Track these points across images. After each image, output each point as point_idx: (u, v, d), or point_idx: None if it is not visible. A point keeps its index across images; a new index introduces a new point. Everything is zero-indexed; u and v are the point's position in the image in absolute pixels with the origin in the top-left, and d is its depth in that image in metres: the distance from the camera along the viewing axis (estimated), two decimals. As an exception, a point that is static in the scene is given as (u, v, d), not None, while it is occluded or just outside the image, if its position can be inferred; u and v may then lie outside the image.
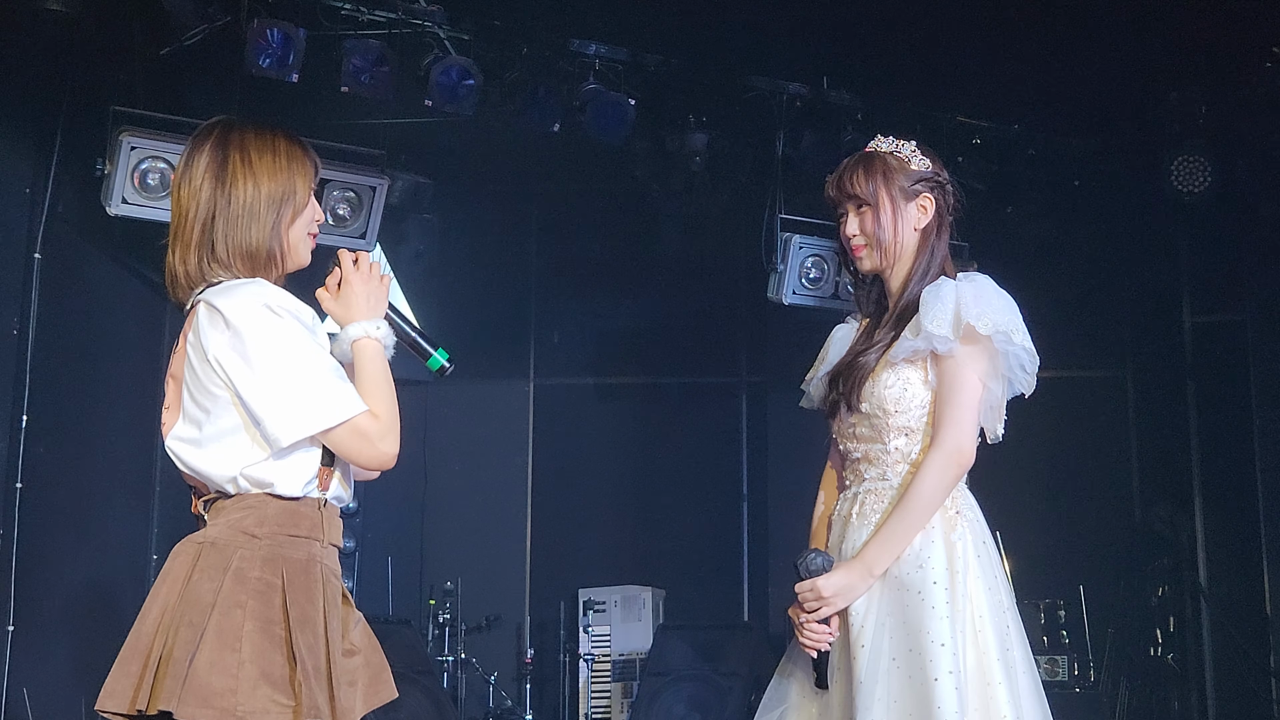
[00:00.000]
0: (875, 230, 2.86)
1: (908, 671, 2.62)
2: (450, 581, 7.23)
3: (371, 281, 2.50)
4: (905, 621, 2.66)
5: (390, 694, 2.49)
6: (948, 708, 2.55)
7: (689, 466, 7.94)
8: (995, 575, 2.75)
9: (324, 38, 5.45)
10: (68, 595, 5.49)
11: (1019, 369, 2.80)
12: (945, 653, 2.59)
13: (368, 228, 5.85)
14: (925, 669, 2.59)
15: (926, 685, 2.57)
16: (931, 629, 2.62)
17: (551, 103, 5.89)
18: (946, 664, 2.58)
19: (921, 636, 2.62)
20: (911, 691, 2.60)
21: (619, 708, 7.20)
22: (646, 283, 7.90)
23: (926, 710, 2.56)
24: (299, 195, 2.46)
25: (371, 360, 2.44)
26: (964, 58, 5.95)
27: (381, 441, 2.37)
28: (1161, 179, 6.35)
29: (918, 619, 2.64)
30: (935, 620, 2.63)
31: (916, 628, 2.64)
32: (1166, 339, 7.06)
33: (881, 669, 2.65)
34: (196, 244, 2.40)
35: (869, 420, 2.82)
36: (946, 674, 2.57)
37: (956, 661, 2.59)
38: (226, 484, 2.35)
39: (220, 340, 2.32)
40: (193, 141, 2.46)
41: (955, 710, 2.55)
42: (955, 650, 2.60)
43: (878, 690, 2.62)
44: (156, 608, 2.31)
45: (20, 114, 5.26)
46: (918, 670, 2.60)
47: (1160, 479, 7.08)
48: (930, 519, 2.72)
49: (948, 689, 2.56)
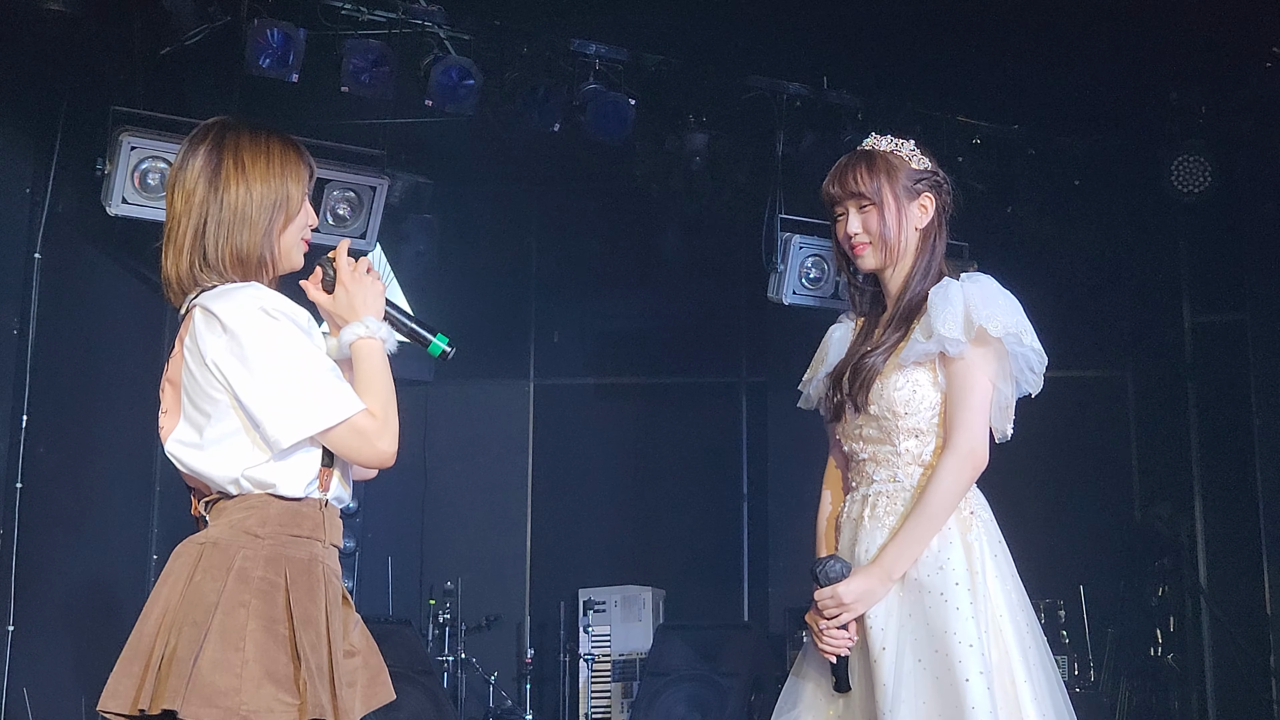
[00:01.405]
0: (880, 229, 2.85)
1: (934, 673, 2.62)
2: (450, 581, 7.23)
3: (364, 280, 2.49)
4: (929, 623, 2.66)
5: (388, 696, 2.49)
6: (982, 708, 2.55)
7: (689, 466, 7.94)
8: (1011, 574, 2.77)
9: (324, 38, 5.45)
10: (68, 595, 5.48)
11: (1028, 370, 2.82)
12: (974, 653, 2.60)
13: (368, 228, 5.85)
14: (954, 670, 2.59)
15: (957, 686, 2.58)
16: (958, 630, 2.63)
17: (551, 103, 5.89)
18: (976, 664, 2.59)
19: (947, 638, 2.63)
20: (939, 693, 2.60)
21: (619, 708, 7.20)
22: (646, 283, 7.90)
23: (959, 711, 2.57)
24: (292, 200, 2.45)
25: (369, 359, 2.43)
26: (964, 58, 5.95)
27: (380, 440, 2.37)
28: (1161, 179, 6.35)
29: (942, 620, 2.65)
30: (961, 621, 2.63)
31: (941, 629, 2.64)
32: (1166, 339, 7.06)
33: (906, 670, 2.65)
34: (189, 248, 2.40)
35: (877, 422, 2.82)
36: (977, 674, 2.58)
37: (985, 661, 2.60)
38: (228, 485, 2.35)
39: (217, 344, 2.32)
40: (188, 143, 2.45)
41: (989, 710, 2.56)
42: (983, 650, 2.61)
43: (903, 692, 2.63)
44: (158, 608, 2.31)
45: (20, 114, 5.25)
46: (945, 671, 2.61)
47: (1160, 479, 7.07)
48: (947, 521, 2.73)
49: (980, 689, 2.57)
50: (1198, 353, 6.95)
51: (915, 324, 2.81)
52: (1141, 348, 7.34)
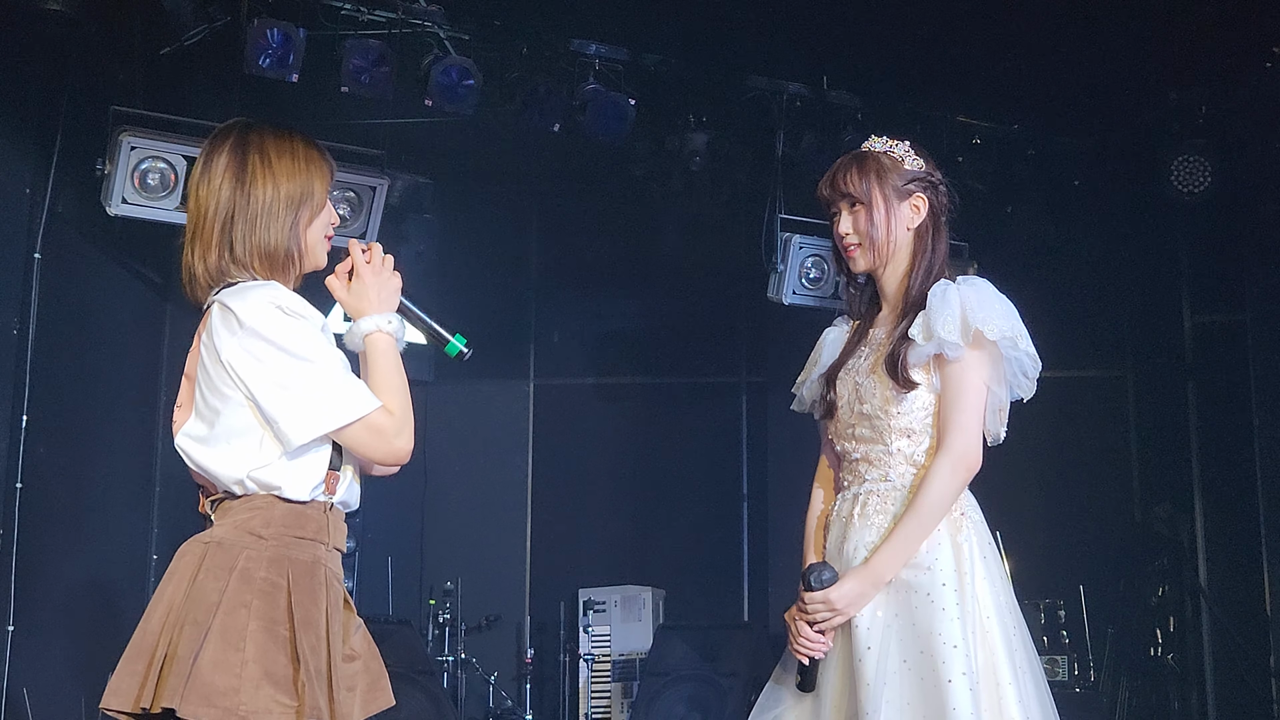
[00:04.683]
0: (868, 229, 2.87)
1: (919, 674, 2.63)
2: (450, 581, 7.23)
3: (383, 274, 2.50)
4: (914, 624, 2.67)
5: (387, 701, 2.49)
6: (963, 709, 2.56)
7: (689, 466, 7.94)
8: (1000, 576, 2.77)
9: (324, 38, 5.45)
10: (68, 595, 5.48)
11: (1021, 375, 2.83)
12: (958, 654, 2.61)
13: (368, 228, 5.85)
14: (938, 671, 2.60)
15: (940, 687, 2.59)
16: (943, 631, 2.63)
17: (551, 103, 5.89)
18: (960, 665, 2.60)
19: (932, 639, 2.63)
20: (923, 694, 2.61)
21: (619, 708, 7.20)
22: (646, 283, 7.90)
23: (941, 712, 2.57)
24: (316, 196, 2.48)
25: (384, 355, 2.44)
26: (964, 58, 5.95)
27: (397, 437, 2.38)
28: (1161, 179, 6.34)
29: (928, 621, 2.65)
30: (946, 622, 2.64)
31: (927, 630, 2.65)
32: (1166, 339, 7.05)
33: (890, 670, 2.65)
34: (216, 243, 2.42)
35: (870, 421, 2.83)
36: (960, 675, 2.59)
37: (969, 663, 2.61)
38: (233, 485, 2.36)
39: (233, 341, 2.33)
40: (210, 142, 2.48)
41: (970, 711, 2.56)
42: (968, 652, 2.62)
43: (887, 692, 2.63)
44: (162, 606, 2.31)
45: (20, 114, 5.25)
46: (930, 672, 2.62)
47: (1160, 479, 7.07)
48: (939, 523, 2.73)
49: (962, 690, 2.57)
50: (1198, 353, 6.94)
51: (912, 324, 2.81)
52: (1141, 348, 7.34)
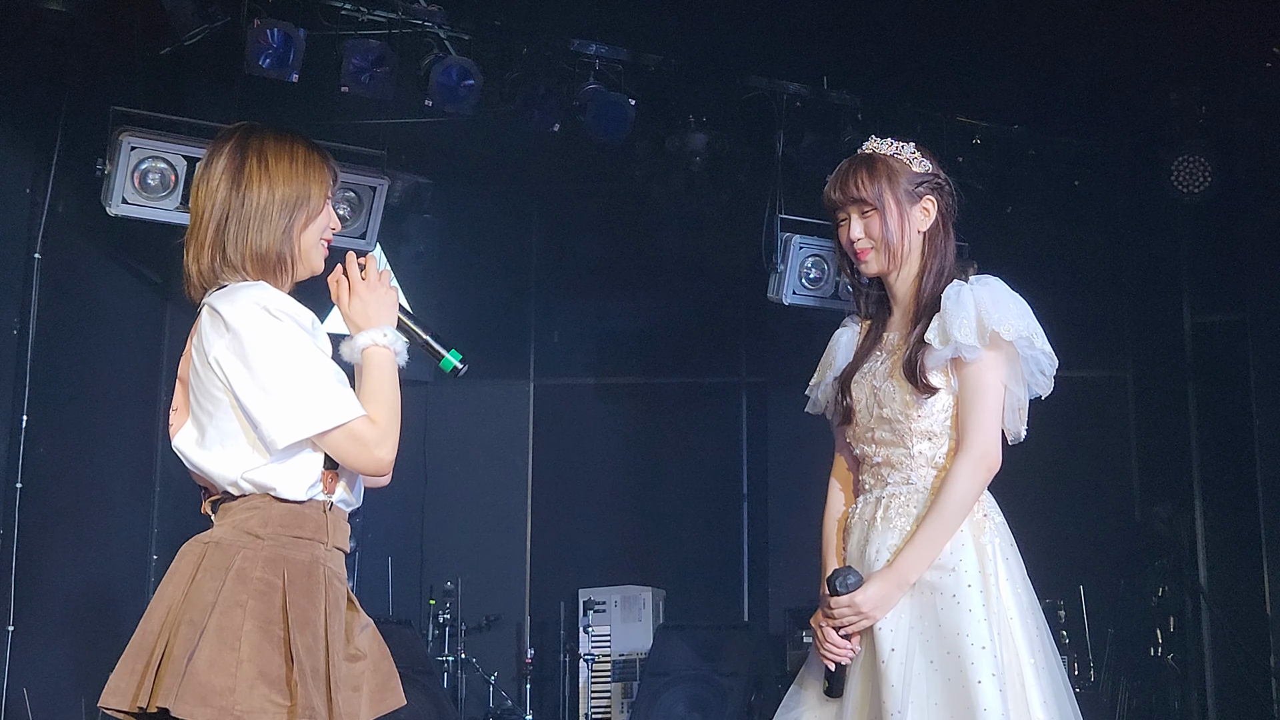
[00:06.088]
0: (883, 233, 2.86)
1: (946, 675, 2.63)
2: (450, 581, 7.22)
3: (380, 289, 2.50)
4: (940, 625, 2.67)
5: (398, 701, 2.49)
6: (994, 710, 2.56)
7: (689, 466, 7.94)
8: (1022, 577, 2.78)
9: (324, 38, 5.45)
10: (68, 595, 5.48)
11: (1038, 372, 2.84)
12: (986, 655, 2.61)
13: (368, 228, 5.85)
14: (966, 672, 2.60)
15: (969, 688, 2.59)
16: (970, 632, 2.64)
17: (551, 103, 5.89)
18: (988, 666, 2.60)
19: (959, 640, 2.64)
20: (951, 695, 2.61)
21: (619, 708, 7.20)
22: (646, 283, 7.90)
23: (970, 713, 2.57)
24: (313, 201, 2.48)
25: (379, 367, 2.44)
26: (964, 58, 5.95)
27: (378, 448, 2.37)
28: (1161, 179, 6.35)
29: (954, 622, 2.66)
30: (973, 623, 2.64)
31: (953, 631, 2.65)
32: (1166, 339, 7.05)
33: (916, 672, 2.65)
34: (210, 244, 2.42)
35: (890, 425, 2.83)
36: (990, 676, 2.59)
37: (997, 664, 2.61)
38: (230, 486, 2.36)
39: (220, 343, 2.34)
40: (214, 144, 2.49)
41: (1001, 712, 2.56)
42: (995, 653, 2.62)
43: (912, 694, 2.63)
44: (162, 606, 2.32)
45: (20, 114, 5.26)
46: (957, 673, 2.62)
47: (1160, 479, 7.07)
48: (961, 524, 2.74)
49: (992, 691, 2.58)
50: (1198, 353, 6.94)
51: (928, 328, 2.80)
52: (1141, 348, 7.34)
